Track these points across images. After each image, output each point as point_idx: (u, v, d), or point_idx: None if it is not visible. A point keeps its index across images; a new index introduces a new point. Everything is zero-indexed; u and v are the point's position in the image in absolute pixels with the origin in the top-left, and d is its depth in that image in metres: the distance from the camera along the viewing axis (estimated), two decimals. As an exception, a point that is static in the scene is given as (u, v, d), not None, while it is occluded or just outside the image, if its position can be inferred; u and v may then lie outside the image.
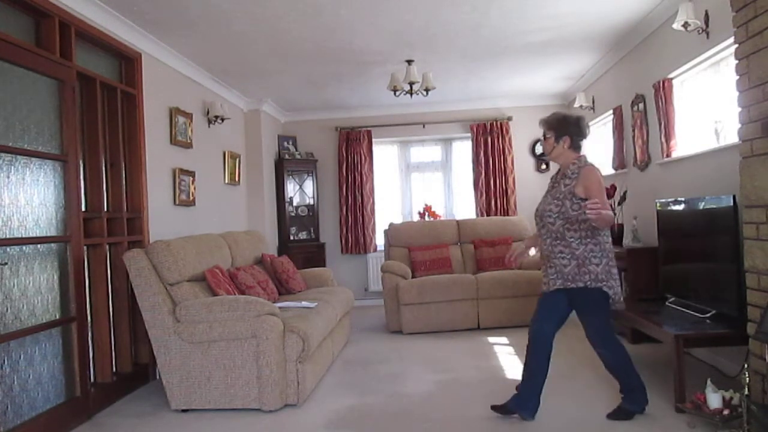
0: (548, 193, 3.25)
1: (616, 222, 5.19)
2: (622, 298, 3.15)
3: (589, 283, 3.05)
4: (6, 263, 3.01)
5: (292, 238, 7.54)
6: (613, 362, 3.19)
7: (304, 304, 4.36)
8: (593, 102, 6.49)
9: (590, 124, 6.66)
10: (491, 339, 5.26)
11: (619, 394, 3.21)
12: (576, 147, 3.18)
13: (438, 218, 7.43)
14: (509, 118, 7.62)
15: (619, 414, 3.14)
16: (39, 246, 3.29)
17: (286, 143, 7.74)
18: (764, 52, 2.65)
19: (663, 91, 4.50)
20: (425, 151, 8.10)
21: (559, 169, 3.28)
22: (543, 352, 3.18)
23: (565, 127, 3.17)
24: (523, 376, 3.25)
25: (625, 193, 5.21)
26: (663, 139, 4.54)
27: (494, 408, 3.27)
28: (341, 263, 7.78)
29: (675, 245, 4.08)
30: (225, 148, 6.29)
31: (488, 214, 7.47)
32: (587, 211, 2.81)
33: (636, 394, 3.15)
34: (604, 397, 3.49)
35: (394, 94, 5.61)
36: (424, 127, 7.76)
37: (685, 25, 3.83)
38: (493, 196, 7.51)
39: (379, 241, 7.61)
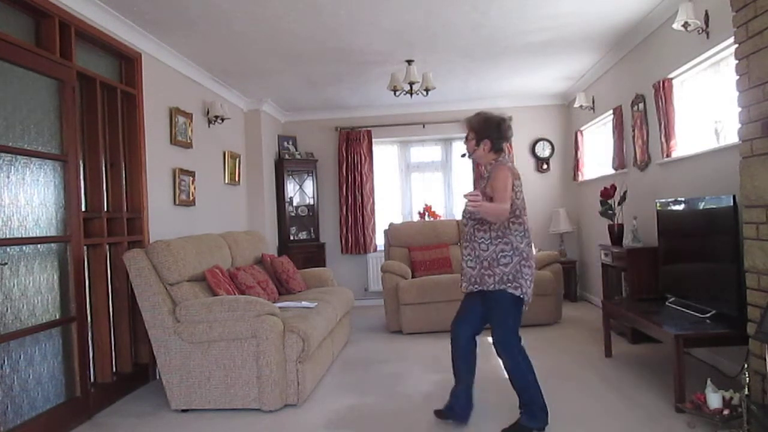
0: None
1: (616, 222, 5.20)
2: (528, 299, 2.99)
3: (492, 285, 2.95)
4: (6, 263, 3.01)
5: (292, 238, 7.54)
6: (515, 373, 2.99)
7: (304, 304, 4.36)
8: (593, 102, 6.49)
9: (590, 124, 6.70)
10: (491, 339, 5.23)
11: (518, 409, 3.03)
12: (497, 149, 3.12)
13: (438, 218, 7.44)
14: (509, 118, 7.58)
15: (515, 430, 2.96)
16: (39, 246, 3.29)
17: (286, 143, 7.74)
18: (764, 52, 2.65)
19: (663, 91, 4.50)
20: (425, 151, 8.10)
21: None
22: (458, 354, 3.17)
23: (486, 130, 3.11)
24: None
25: (625, 193, 5.21)
26: (663, 139, 4.54)
27: (437, 413, 3.23)
28: (341, 263, 7.77)
29: (675, 245, 4.08)
30: (225, 148, 6.29)
31: (488, 214, 7.45)
32: (468, 204, 2.74)
33: (536, 411, 2.96)
34: (604, 397, 3.49)
35: (394, 94, 5.61)
36: (424, 127, 7.76)
37: (685, 25, 3.83)
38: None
39: (379, 241, 7.61)
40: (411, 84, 5.49)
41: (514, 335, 3.01)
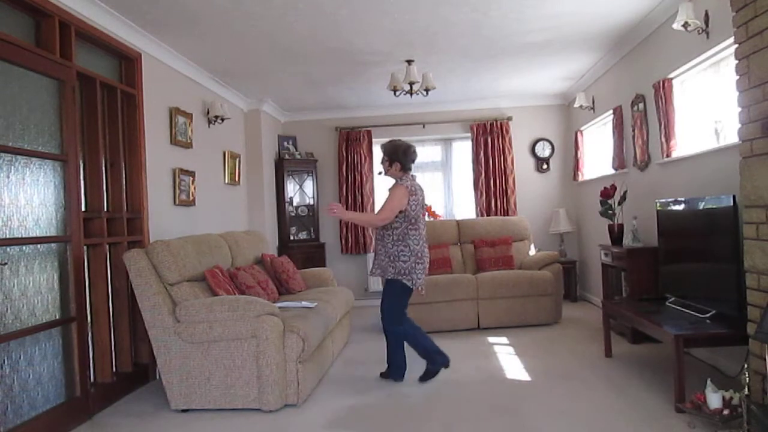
0: None
1: (616, 222, 5.20)
2: (421, 289, 4.00)
3: (392, 275, 3.88)
4: (6, 263, 3.01)
5: (292, 238, 7.54)
6: (406, 341, 4.04)
7: (304, 304, 4.35)
8: (593, 102, 6.49)
9: (590, 124, 6.71)
10: (491, 339, 5.25)
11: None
12: (405, 169, 4.09)
13: (438, 218, 7.44)
14: (509, 118, 7.62)
15: (384, 374, 4.10)
16: (39, 246, 3.29)
17: (286, 143, 7.74)
18: (764, 52, 2.65)
19: (663, 91, 4.50)
20: (425, 151, 8.07)
21: None
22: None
23: (395, 155, 4.06)
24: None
25: (625, 193, 5.21)
26: (663, 139, 4.54)
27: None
28: (341, 263, 7.77)
29: (675, 245, 4.08)
30: (225, 148, 6.29)
31: (488, 214, 7.46)
32: (328, 212, 3.86)
33: (394, 368, 4.03)
34: (604, 397, 3.49)
35: (394, 94, 5.61)
36: (424, 127, 7.76)
37: (685, 25, 3.83)
38: (493, 196, 7.51)
39: (379, 241, 7.60)
40: (411, 84, 5.49)
41: (400, 315, 3.99)
